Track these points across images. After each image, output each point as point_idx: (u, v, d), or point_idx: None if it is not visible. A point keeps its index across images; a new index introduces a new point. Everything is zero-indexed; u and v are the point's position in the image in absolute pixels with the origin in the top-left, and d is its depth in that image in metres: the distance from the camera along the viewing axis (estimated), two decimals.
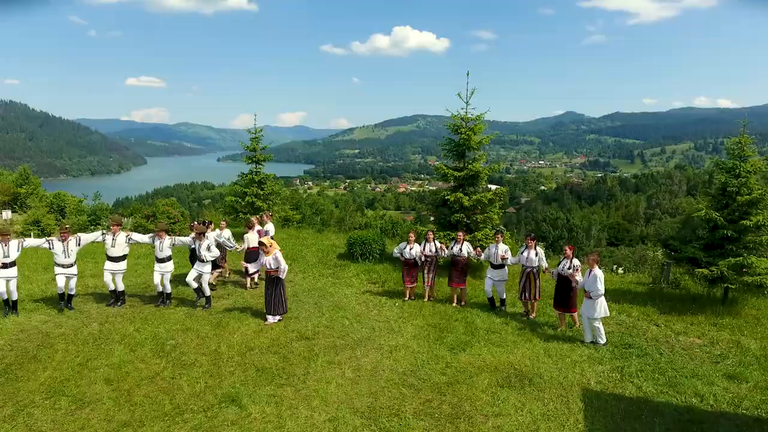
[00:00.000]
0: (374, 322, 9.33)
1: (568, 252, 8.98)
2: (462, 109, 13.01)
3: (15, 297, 9.24)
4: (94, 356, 7.48)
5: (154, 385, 6.60)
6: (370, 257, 14.22)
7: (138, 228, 17.45)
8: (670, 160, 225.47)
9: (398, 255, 10.80)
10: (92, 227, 23.97)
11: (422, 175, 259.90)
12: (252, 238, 11.41)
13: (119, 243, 10.09)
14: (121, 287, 10.21)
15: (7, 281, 9.03)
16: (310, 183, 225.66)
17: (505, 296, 10.16)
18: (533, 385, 6.80)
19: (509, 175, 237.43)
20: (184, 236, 11.16)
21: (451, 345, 8.15)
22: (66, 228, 9.86)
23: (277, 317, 9.28)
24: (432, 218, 14.18)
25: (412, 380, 6.88)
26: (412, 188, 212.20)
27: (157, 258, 10.21)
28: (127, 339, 8.16)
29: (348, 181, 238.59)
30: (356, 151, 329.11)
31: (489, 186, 14.89)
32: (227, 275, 12.43)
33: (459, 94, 12.94)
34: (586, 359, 7.76)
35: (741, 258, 9.20)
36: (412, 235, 10.70)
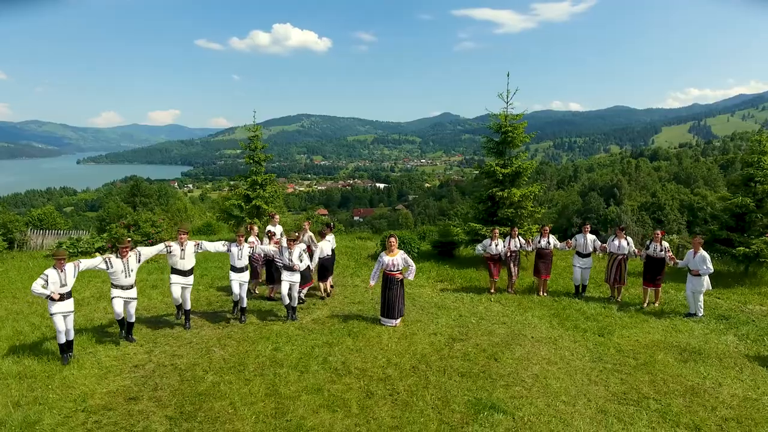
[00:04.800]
0: (495, 317, 9.46)
1: (659, 236, 10.01)
2: (503, 108, 13.55)
3: (72, 336, 7.51)
4: (273, 383, 6.56)
5: (394, 404, 6.07)
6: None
7: (122, 239, 15.05)
8: (534, 157, 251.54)
9: (481, 252, 11.01)
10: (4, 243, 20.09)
11: (309, 175, 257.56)
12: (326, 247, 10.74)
13: (189, 253, 8.88)
14: (188, 305, 9.01)
15: (65, 317, 7.31)
16: (191, 185, 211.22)
17: (587, 282, 10.92)
18: (706, 357, 7.54)
19: (394, 174, 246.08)
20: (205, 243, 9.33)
21: (596, 330, 8.64)
22: (126, 242, 8.37)
23: (399, 320, 8.95)
24: (471, 214, 14.51)
25: (609, 366, 7.20)
26: (301, 188, 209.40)
27: (234, 267, 9.19)
28: (279, 361, 7.28)
29: (232, 182, 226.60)
30: (238, 151, 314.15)
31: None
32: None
33: (500, 95, 13.46)
34: (709, 331, 8.76)
35: None
36: (496, 231, 10.98)
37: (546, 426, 5.60)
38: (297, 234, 9.86)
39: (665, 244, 9.90)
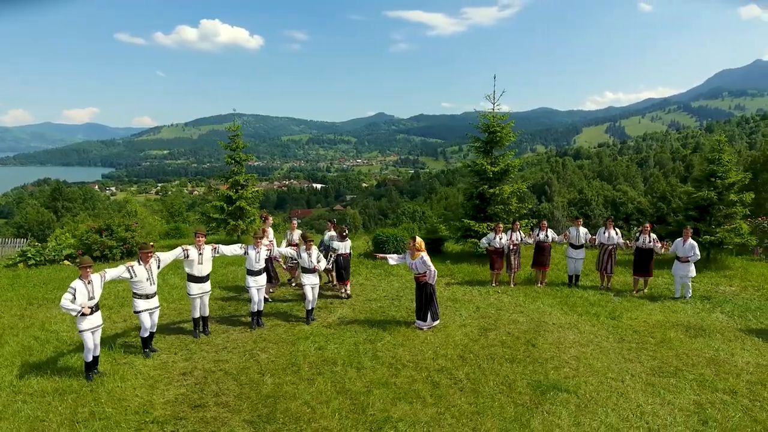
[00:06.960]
0: (510, 307, 9.99)
1: (647, 228, 11.02)
2: (490, 110, 14.20)
3: (98, 351, 7.05)
4: (336, 381, 6.61)
5: (463, 392, 6.33)
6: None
7: (94, 245, 14.09)
8: (466, 156, 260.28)
9: (486, 245, 11.55)
10: None
11: None
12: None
13: (206, 258, 8.60)
14: (207, 311, 8.75)
15: (93, 333, 6.89)
16: (113, 188, 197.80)
17: (580, 273, 11.76)
18: (710, 332, 8.46)
19: (331, 174, 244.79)
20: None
21: (606, 315, 9.39)
22: (149, 247, 7.96)
23: (436, 322, 9.04)
24: (462, 211, 15.01)
25: (634, 345, 7.89)
26: None
27: (251, 271, 9.00)
28: (330, 359, 7.31)
29: (159, 184, 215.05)
30: (165, 151, 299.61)
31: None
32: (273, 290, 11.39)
33: (487, 96, 14.14)
34: (699, 311, 9.80)
35: (735, 225, 12.48)
36: (500, 225, 11.55)
37: (609, 400, 6.12)
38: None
39: (653, 235, 10.91)
